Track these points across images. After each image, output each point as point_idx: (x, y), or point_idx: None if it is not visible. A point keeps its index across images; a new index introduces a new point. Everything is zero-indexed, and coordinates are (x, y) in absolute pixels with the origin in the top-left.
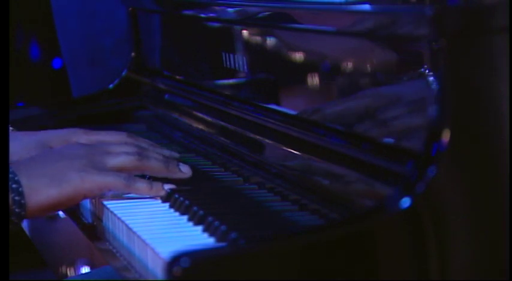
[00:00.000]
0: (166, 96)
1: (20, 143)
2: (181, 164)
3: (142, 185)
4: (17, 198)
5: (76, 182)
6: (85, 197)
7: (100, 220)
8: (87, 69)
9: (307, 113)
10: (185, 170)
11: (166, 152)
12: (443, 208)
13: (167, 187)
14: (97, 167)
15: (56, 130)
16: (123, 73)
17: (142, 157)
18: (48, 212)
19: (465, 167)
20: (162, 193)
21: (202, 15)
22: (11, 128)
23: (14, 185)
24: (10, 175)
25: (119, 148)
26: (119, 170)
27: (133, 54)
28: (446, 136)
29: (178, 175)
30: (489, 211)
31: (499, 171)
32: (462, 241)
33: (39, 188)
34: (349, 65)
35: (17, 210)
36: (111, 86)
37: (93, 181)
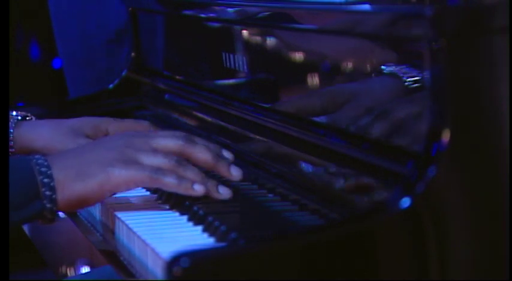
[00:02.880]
0: (166, 96)
1: (49, 130)
2: (232, 166)
3: (170, 181)
4: (48, 193)
5: (101, 177)
6: (112, 193)
7: (101, 221)
8: (82, 70)
9: (307, 113)
10: (235, 173)
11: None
12: (443, 208)
13: (197, 187)
14: (127, 161)
15: (85, 117)
16: (123, 73)
17: (190, 141)
18: (77, 207)
19: (465, 167)
20: (191, 193)
21: (202, 15)
22: (33, 117)
23: (45, 180)
24: (43, 169)
25: (163, 144)
26: (164, 153)
27: (133, 54)
28: (446, 136)
29: (226, 174)
30: (489, 211)
31: (499, 171)
32: (462, 241)
33: (66, 182)
34: (349, 65)
35: (48, 205)
36: (111, 86)
37: (119, 176)
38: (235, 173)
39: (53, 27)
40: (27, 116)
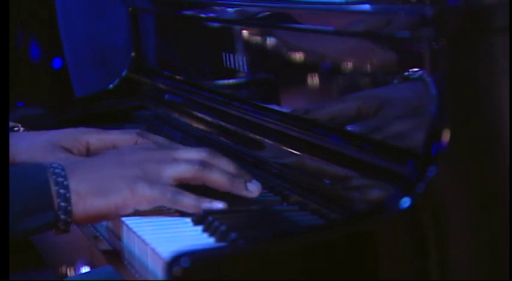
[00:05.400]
0: (166, 96)
1: (30, 143)
2: (250, 183)
3: (188, 202)
4: (63, 204)
5: (125, 194)
6: (134, 210)
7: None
8: (92, 69)
9: (307, 113)
10: (253, 189)
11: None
12: (443, 208)
13: (217, 204)
14: (150, 178)
15: (67, 129)
16: (123, 73)
17: (205, 167)
18: (94, 221)
19: (465, 167)
20: (213, 209)
21: (202, 15)
22: (21, 127)
23: (61, 191)
24: (60, 179)
25: (184, 154)
26: (176, 180)
27: (133, 54)
28: (446, 136)
29: (243, 193)
30: (489, 211)
31: (499, 171)
32: (462, 241)
33: (86, 196)
34: (349, 65)
35: (62, 216)
36: (111, 86)
37: (142, 194)
38: (253, 188)
39: (59, 26)
40: (16, 127)
